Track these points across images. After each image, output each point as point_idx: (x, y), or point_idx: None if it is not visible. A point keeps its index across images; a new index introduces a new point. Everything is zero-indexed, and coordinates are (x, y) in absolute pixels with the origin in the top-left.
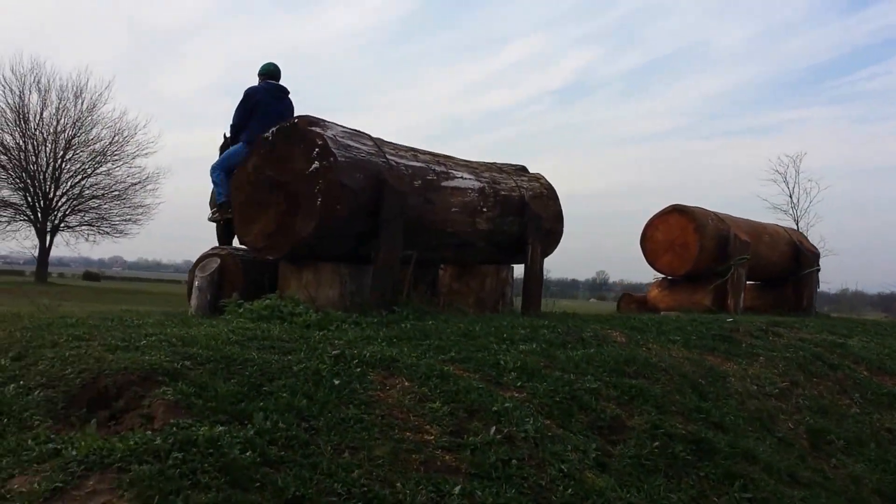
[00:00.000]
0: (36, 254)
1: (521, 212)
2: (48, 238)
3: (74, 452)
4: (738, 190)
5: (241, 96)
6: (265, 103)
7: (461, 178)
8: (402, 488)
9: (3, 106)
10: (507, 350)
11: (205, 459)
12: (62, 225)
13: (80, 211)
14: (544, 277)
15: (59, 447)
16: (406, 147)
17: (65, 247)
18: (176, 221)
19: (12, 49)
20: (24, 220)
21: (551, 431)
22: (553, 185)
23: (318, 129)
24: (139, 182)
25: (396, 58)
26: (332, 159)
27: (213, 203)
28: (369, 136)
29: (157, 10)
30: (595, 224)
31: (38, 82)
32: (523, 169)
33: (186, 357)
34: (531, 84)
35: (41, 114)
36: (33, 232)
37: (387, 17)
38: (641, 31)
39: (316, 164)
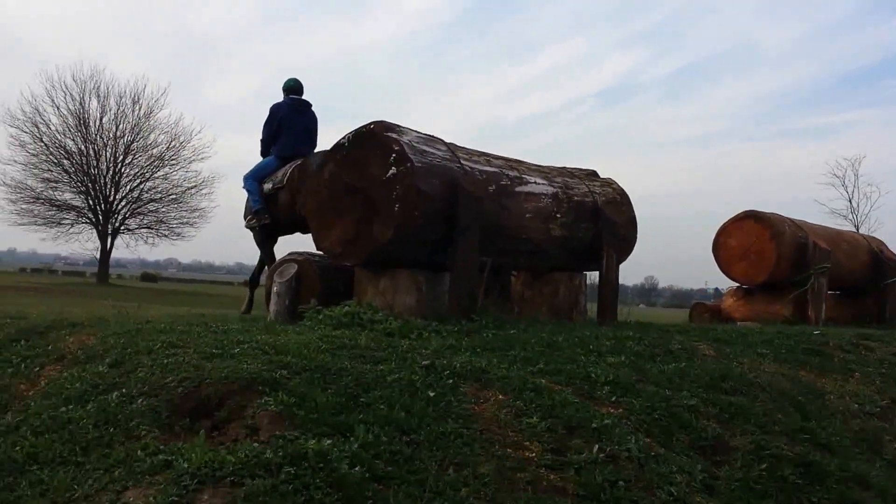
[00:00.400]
0: (97, 255)
1: (595, 218)
2: (109, 240)
3: (186, 465)
4: (792, 194)
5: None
6: (289, 118)
7: (534, 183)
8: None
9: (66, 112)
10: (596, 363)
11: (316, 474)
12: (122, 227)
13: (139, 214)
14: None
15: (169, 459)
16: (479, 152)
17: (124, 249)
18: (227, 224)
19: (73, 57)
20: (86, 222)
21: (654, 451)
22: (625, 191)
23: (394, 135)
24: (195, 186)
25: (437, 63)
26: (408, 165)
27: (248, 211)
28: (443, 140)
29: (206, 18)
30: (642, 228)
31: (98, 89)
32: (594, 173)
33: (282, 366)
34: (572, 87)
35: (101, 119)
36: (95, 234)
37: (428, 23)
38: (686, 32)
39: (393, 170)
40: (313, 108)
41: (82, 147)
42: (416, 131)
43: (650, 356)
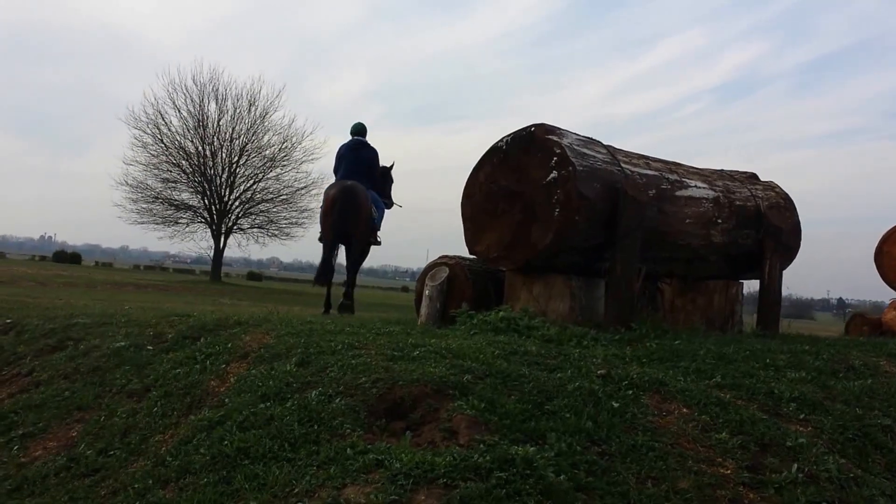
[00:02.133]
0: (210, 254)
1: (758, 224)
2: (222, 239)
3: (398, 465)
4: None
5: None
6: (347, 156)
7: (695, 186)
8: None
9: (185, 114)
10: (776, 378)
11: (525, 481)
12: (235, 227)
13: (251, 214)
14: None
15: (379, 458)
16: (637, 154)
17: (235, 248)
18: None
19: (194, 59)
20: (201, 221)
21: (852, 472)
22: (789, 195)
23: (554, 137)
24: (305, 187)
25: (544, 59)
26: (570, 168)
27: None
28: (602, 143)
29: (318, 19)
30: None
31: (216, 91)
32: (754, 176)
33: (465, 370)
34: (688, 82)
35: (218, 121)
36: (209, 233)
37: (534, 17)
38: (813, 23)
39: (554, 174)
40: (372, 145)
41: (200, 148)
42: (575, 133)
43: (832, 372)
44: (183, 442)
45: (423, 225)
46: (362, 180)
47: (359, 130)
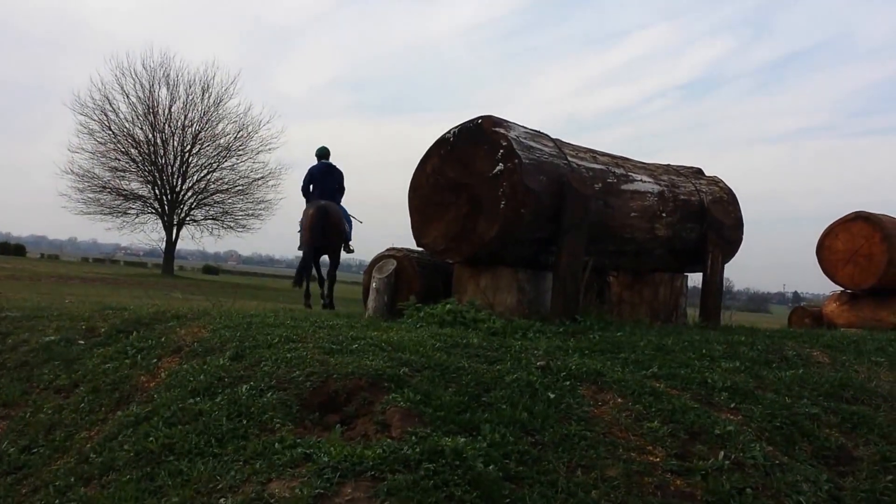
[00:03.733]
0: (162, 246)
1: (701, 217)
2: (175, 231)
3: (326, 459)
4: (891, 194)
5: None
6: (320, 179)
7: (640, 181)
8: None
9: (135, 100)
10: (711, 368)
11: (453, 472)
12: (188, 218)
13: (205, 205)
14: None
15: (308, 452)
16: (585, 148)
17: (189, 240)
18: (288, 217)
19: (144, 43)
20: (152, 212)
21: (778, 459)
22: (732, 189)
23: (501, 130)
24: (262, 178)
25: (511, 52)
26: (516, 161)
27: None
28: (549, 136)
29: (278, 2)
30: None
31: (168, 76)
32: (699, 171)
33: (403, 363)
34: (654, 79)
35: (170, 108)
36: (160, 225)
37: (503, 10)
38: (779, 21)
39: (500, 166)
40: (338, 167)
41: (150, 136)
42: (522, 126)
43: (765, 362)
44: (108, 438)
45: (390, 217)
46: (334, 199)
47: (325, 154)
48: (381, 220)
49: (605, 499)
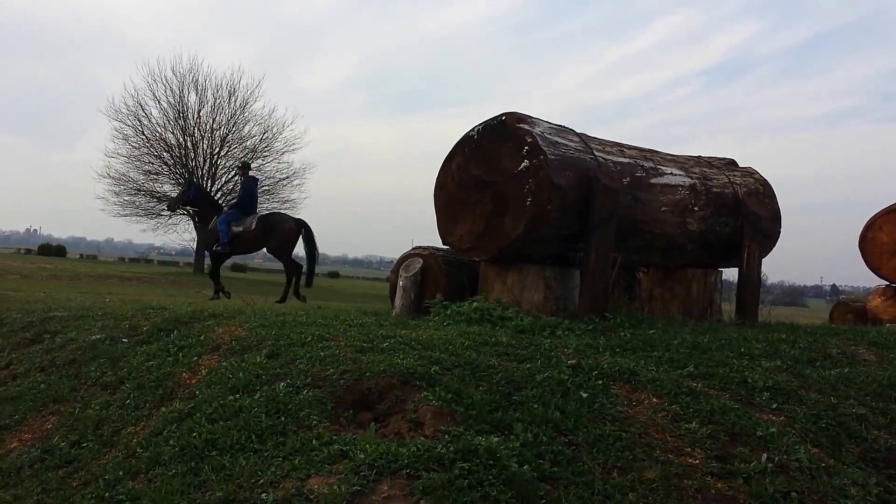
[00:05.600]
0: (193, 246)
1: (736, 211)
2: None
3: (362, 456)
4: None
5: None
6: (253, 187)
7: (670, 174)
8: None
9: (166, 105)
10: (751, 367)
11: (488, 471)
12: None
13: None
14: None
15: (344, 449)
16: (611, 142)
17: None
18: (310, 214)
19: (173, 48)
20: (184, 213)
21: (823, 462)
22: (768, 181)
23: (525, 126)
24: (286, 177)
25: (528, 44)
26: (541, 157)
27: (217, 241)
28: (574, 131)
29: (296, 7)
30: None
31: (196, 81)
32: (732, 162)
33: (433, 362)
34: (677, 65)
35: (199, 112)
36: (191, 225)
37: (519, 1)
38: (805, 2)
39: (525, 163)
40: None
41: (181, 140)
42: (547, 122)
43: (808, 361)
44: (153, 433)
45: (408, 213)
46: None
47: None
48: (401, 216)
49: (643, 501)
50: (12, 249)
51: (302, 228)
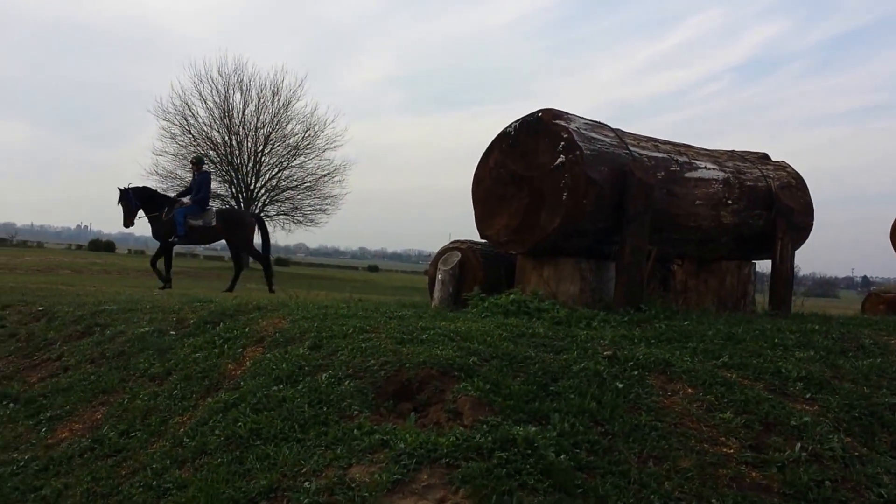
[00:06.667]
0: None
1: (769, 204)
2: None
3: (402, 445)
4: None
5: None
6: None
7: (704, 168)
8: None
9: (212, 105)
10: (784, 357)
11: (525, 460)
12: (261, 214)
13: (276, 201)
14: None
15: (384, 438)
16: (646, 137)
17: None
18: (352, 210)
19: (219, 51)
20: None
21: (857, 451)
22: (801, 174)
23: (561, 122)
24: (328, 174)
25: (561, 42)
26: (577, 153)
27: (174, 233)
28: (609, 126)
29: (337, 7)
30: None
31: (241, 82)
32: (766, 157)
33: (472, 353)
34: (708, 62)
35: (243, 111)
36: None
37: (552, 1)
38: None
39: (561, 158)
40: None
41: (226, 138)
42: (582, 118)
43: (841, 351)
44: (200, 423)
45: (445, 208)
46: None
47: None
48: (439, 211)
49: (678, 490)
50: (64, 245)
51: (258, 222)
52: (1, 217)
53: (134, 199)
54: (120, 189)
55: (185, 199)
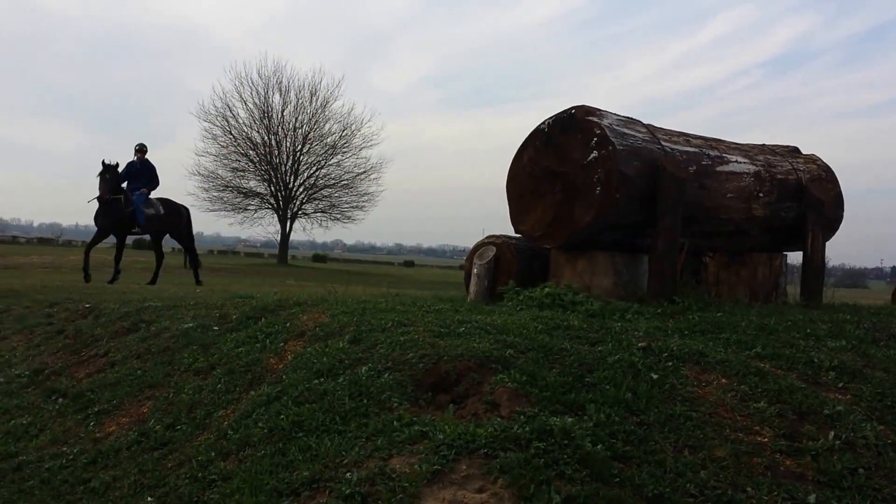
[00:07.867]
0: (277, 238)
1: (800, 196)
2: (288, 224)
3: (441, 436)
4: None
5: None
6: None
7: (735, 162)
8: (754, 493)
9: (252, 106)
10: (817, 347)
11: (563, 451)
12: (300, 212)
13: (314, 199)
14: None
15: (424, 430)
16: (677, 132)
17: (300, 231)
18: (387, 206)
19: (259, 53)
20: (269, 208)
21: (890, 439)
22: (831, 167)
23: (594, 119)
24: (364, 172)
25: (593, 40)
26: (610, 148)
27: (136, 222)
28: (641, 122)
29: (375, 9)
30: None
31: (280, 83)
32: (795, 150)
33: (508, 345)
34: (738, 58)
35: (282, 112)
36: (276, 219)
37: (583, 1)
38: None
39: (594, 154)
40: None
41: (266, 138)
42: (615, 114)
43: (872, 340)
44: (243, 416)
45: (479, 204)
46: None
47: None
48: (474, 206)
49: (714, 479)
50: (109, 244)
51: (187, 212)
52: (47, 218)
53: (113, 174)
54: (109, 164)
55: (144, 189)
